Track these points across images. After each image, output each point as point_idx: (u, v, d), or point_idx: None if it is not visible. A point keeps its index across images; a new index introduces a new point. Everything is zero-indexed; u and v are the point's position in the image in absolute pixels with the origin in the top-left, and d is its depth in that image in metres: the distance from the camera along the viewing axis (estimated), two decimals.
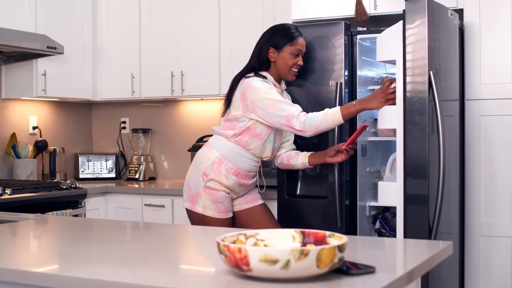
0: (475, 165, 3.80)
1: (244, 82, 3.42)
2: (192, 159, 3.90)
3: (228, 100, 3.51)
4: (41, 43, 4.44)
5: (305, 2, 4.14)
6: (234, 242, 1.86)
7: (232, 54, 4.68)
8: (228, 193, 3.50)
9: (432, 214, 3.21)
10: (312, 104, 3.74)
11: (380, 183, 3.41)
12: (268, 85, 3.38)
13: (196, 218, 3.49)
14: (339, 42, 3.70)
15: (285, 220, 3.83)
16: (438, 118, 3.17)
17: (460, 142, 3.81)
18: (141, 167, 5.22)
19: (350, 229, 3.74)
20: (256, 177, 3.60)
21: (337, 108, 3.31)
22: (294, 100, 3.68)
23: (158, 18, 4.98)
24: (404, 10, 3.22)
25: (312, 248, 1.64)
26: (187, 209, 3.55)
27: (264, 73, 3.48)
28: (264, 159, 3.55)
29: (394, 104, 3.25)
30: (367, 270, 1.79)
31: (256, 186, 3.66)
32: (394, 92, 3.24)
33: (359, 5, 3.95)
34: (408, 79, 3.21)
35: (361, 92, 3.79)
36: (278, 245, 1.90)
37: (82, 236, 2.58)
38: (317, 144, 3.73)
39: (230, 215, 3.52)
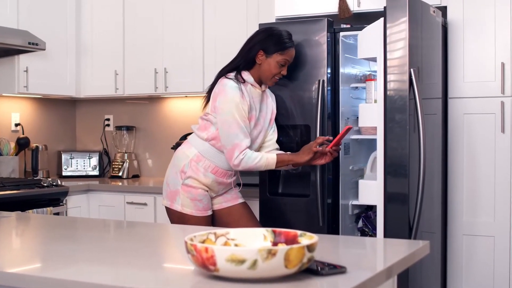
0: (458, 164, 3.78)
1: (221, 82, 3.40)
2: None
3: (208, 96, 3.49)
4: (22, 39, 4.39)
5: None
6: (203, 242, 1.83)
7: (216, 51, 4.65)
8: (207, 191, 3.47)
9: (413, 213, 3.18)
10: (294, 101, 3.71)
11: (360, 182, 3.39)
12: (239, 96, 3.32)
13: (175, 216, 3.46)
14: (321, 39, 3.66)
15: (267, 218, 3.80)
16: (419, 117, 3.15)
17: (443, 141, 3.79)
18: (124, 164, 5.18)
19: (332, 228, 3.71)
20: (236, 175, 3.57)
21: (274, 155, 3.40)
22: (277, 98, 3.65)
23: (142, 15, 4.94)
24: (385, 7, 3.20)
25: (280, 248, 1.61)
26: (166, 207, 3.52)
27: (246, 74, 3.44)
28: None
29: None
30: (338, 270, 1.76)
31: (238, 184, 3.63)
32: (320, 146, 3.36)
33: (342, 2, 3.92)
34: (389, 77, 3.19)
35: (344, 90, 3.76)
36: (249, 244, 1.87)
37: (54, 235, 2.54)
38: (301, 145, 3.70)
39: (209, 213, 3.48)
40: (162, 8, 4.86)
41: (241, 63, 3.46)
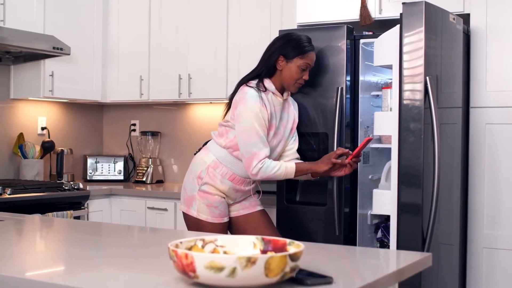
0: (479, 175, 3.69)
1: (242, 90, 3.36)
2: None
3: (230, 103, 3.47)
4: (47, 43, 4.44)
5: (310, 5, 4.08)
6: (190, 248, 1.81)
7: (239, 58, 4.64)
8: (224, 198, 3.45)
9: (426, 224, 3.11)
10: (313, 108, 3.67)
11: (375, 191, 3.34)
12: (259, 105, 3.27)
13: (191, 222, 3.45)
14: (341, 46, 3.62)
15: (284, 226, 3.77)
16: (434, 126, 3.08)
17: (464, 151, 3.71)
18: (148, 169, 5.19)
19: (350, 237, 3.66)
20: (254, 183, 3.53)
21: (293, 163, 3.34)
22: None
23: (167, 21, 4.96)
24: (401, 14, 3.14)
25: (260, 256, 1.57)
26: (183, 212, 3.51)
27: (267, 82, 3.40)
28: None
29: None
30: (323, 280, 1.71)
31: (257, 191, 3.60)
32: (340, 158, 3.31)
33: (363, 9, 3.87)
34: (404, 85, 3.13)
35: (364, 98, 3.71)
36: (238, 252, 1.84)
37: (57, 238, 2.55)
38: (319, 152, 3.66)
39: (225, 220, 3.46)
40: (186, 15, 4.87)
41: (263, 71, 3.42)
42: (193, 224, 3.45)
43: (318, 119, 3.66)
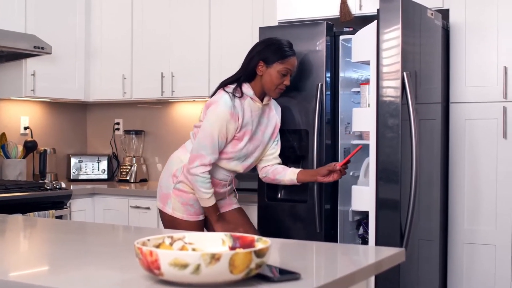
0: (459, 171, 3.70)
1: (218, 94, 3.34)
2: None
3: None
4: (28, 43, 4.42)
5: (291, 2, 4.08)
6: (158, 246, 1.80)
7: (221, 56, 4.63)
8: None
9: (404, 220, 3.11)
10: (293, 105, 3.67)
11: (353, 187, 3.34)
12: (229, 114, 3.24)
13: (166, 219, 3.45)
14: (321, 42, 3.62)
15: (265, 224, 3.77)
16: (411, 122, 3.08)
17: (444, 146, 3.71)
18: (132, 168, 5.18)
19: (331, 234, 3.66)
20: (230, 186, 3.52)
21: (214, 201, 3.34)
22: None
23: (150, 20, 4.95)
24: (378, 10, 3.14)
25: (224, 253, 1.57)
26: (159, 209, 3.51)
27: (246, 87, 3.34)
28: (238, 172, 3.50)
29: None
30: (291, 276, 1.71)
31: (234, 191, 3.59)
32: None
33: (343, 5, 3.87)
34: (381, 81, 3.13)
35: (344, 94, 3.71)
36: (206, 249, 1.83)
37: (33, 237, 2.54)
38: (300, 149, 3.66)
39: (201, 218, 3.45)
40: (169, 13, 4.86)
41: (242, 76, 3.37)
42: (169, 221, 3.45)
43: (298, 116, 3.65)
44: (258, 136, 3.42)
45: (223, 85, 3.39)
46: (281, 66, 3.31)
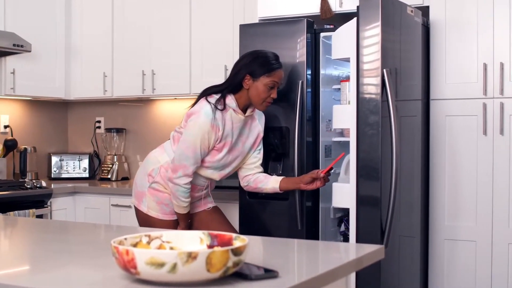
0: (439, 167, 3.71)
1: (201, 103, 3.29)
2: None
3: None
4: (7, 40, 4.38)
5: None
6: (136, 244, 1.79)
7: (202, 53, 4.62)
8: None
9: (385, 217, 3.12)
10: (274, 103, 3.64)
11: (334, 184, 3.33)
12: (209, 126, 3.21)
13: (141, 217, 3.45)
14: (301, 40, 3.61)
15: (247, 222, 3.76)
16: (392, 118, 3.08)
17: (425, 143, 3.72)
18: (114, 167, 5.16)
19: (312, 231, 3.66)
20: (206, 190, 3.51)
21: (188, 210, 3.38)
22: None
23: (131, 17, 4.92)
24: (358, 7, 3.14)
25: (201, 251, 1.56)
26: (134, 206, 3.50)
27: (229, 98, 3.30)
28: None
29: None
30: (269, 274, 1.70)
31: (209, 194, 3.58)
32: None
33: (324, 2, 3.87)
34: (361, 78, 3.13)
35: (325, 92, 3.71)
36: (184, 247, 1.83)
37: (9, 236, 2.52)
38: (281, 146, 3.65)
39: (176, 217, 3.43)
40: (150, 11, 4.84)
41: (226, 87, 3.32)
42: (143, 220, 3.45)
43: (279, 113, 3.64)
44: (238, 147, 3.40)
45: (206, 93, 3.34)
46: (268, 79, 3.28)
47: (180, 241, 1.85)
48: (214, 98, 3.29)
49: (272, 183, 3.44)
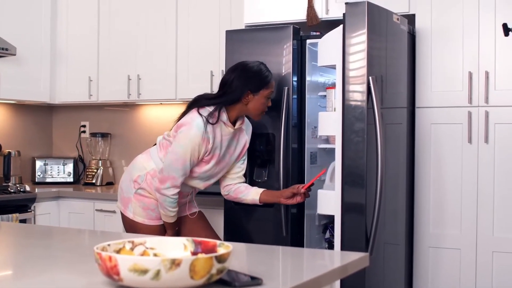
0: (425, 175, 3.72)
1: (192, 114, 3.26)
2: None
3: (180, 118, 3.37)
4: None
5: (258, 6, 4.07)
6: (119, 251, 1.77)
7: (188, 59, 4.60)
8: None
9: (370, 224, 3.12)
10: None
11: (319, 191, 3.33)
12: (200, 138, 3.20)
13: (127, 223, 3.44)
14: (287, 46, 3.61)
15: (232, 228, 3.75)
16: (377, 126, 3.09)
17: (410, 151, 3.73)
18: (98, 171, 5.13)
19: (297, 238, 3.66)
20: (190, 196, 3.50)
21: (174, 219, 3.38)
22: None
23: (117, 21, 4.90)
24: (344, 14, 3.15)
25: (184, 258, 1.55)
26: (120, 211, 3.48)
27: (223, 113, 3.29)
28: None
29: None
30: (252, 282, 1.70)
31: (192, 200, 3.57)
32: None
33: (310, 9, 3.87)
34: (347, 85, 3.13)
35: (311, 98, 3.71)
36: (168, 254, 1.81)
37: None
38: (266, 153, 3.64)
39: (162, 222, 3.42)
40: (136, 16, 4.82)
41: (222, 101, 3.29)
42: (129, 225, 3.43)
43: (265, 120, 3.63)
44: (225, 159, 3.41)
45: (198, 104, 3.31)
46: (267, 91, 3.33)
47: (164, 248, 1.83)
48: (206, 110, 3.26)
49: (252, 194, 3.44)
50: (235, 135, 3.41)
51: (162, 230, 3.42)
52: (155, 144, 3.52)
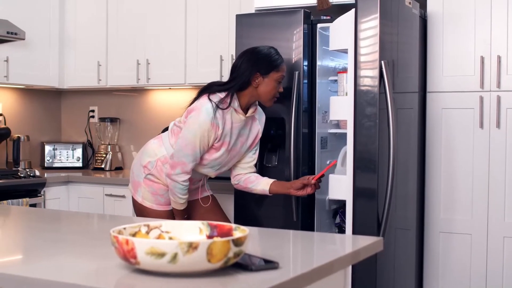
0: (435, 160, 3.71)
1: (202, 100, 3.23)
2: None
3: (191, 103, 3.33)
4: (1, 28, 4.34)
5: None
6: (135, 234, 1.77)
7: (197, 43, 4.59)
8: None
9: (382, 209, 3.11)
10: None
11: (331, 176, 3.32)
12: (209, 124, 3.17)
13: (137, 206, 3.44)
14: (298, 31, 3.59)
15: (242, 212, 3.75)
16: (389, 111, 3.08)
17: (421, 136, 3.71)
18: (107, 156, 5.13)
19: (308, 223, 3.65)
20: (201, 181, 3.49)
21: (185, 205, 3.35)
22: None
23: (125, 6, 4.88)
24: None
25: (201, 241, 1.55)
26: (131, 194, 3.48)
27: (235, 99, 3.26)
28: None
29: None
30: (269, 265, 1.69)
31: (204, 184, 3.56)
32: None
33: None
34: (359, 69, 3.12)
35: (321, 83, 3.69)
36: (183, 237, 1.81)
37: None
38: (276, 137, 3.63)
39: (170, 207, 3.41)
40: (144, 0, 4.80)
41: (233, 87, 3.25)
42: (138, 209, 3.44)
43: (275, 104, 3.61)
44: (236, 148, 3.37)
45: (209, 90, 3.28)
46: (277, 74, 3.27)
47: (179, 231, 1.83)
48: (217, 96, 3.23)
49: (262, 185, 3.42)
50: (247, 123, 3.38)
51: (171, 215, 3.41)
52: (167, 129, 3.51)
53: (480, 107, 3.58)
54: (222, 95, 3.24)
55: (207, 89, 3.30)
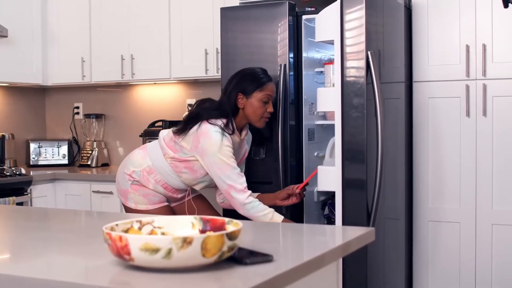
0: (423, 150, 3.72)
1: (204, 126, 3.16)
2: (143, 144, 3.80)
3: (185, 127, 3.24)
4: None
5: None
6: (127, 230, 1.76)
7: (182, 37, 4.57)
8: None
9: (371, 200, 3.12)
10: None
11: (319, 168, 3.32)
12: (223, 140, 3.12)
13: (132, 213, 3.38)
14: (283, 23, 3.58)
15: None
16: (377, 101, 3.08)
17: (408, 126, 3.72)
18: (93, 153, 5.11)
19: (297, 215, 3.65)
20: (187, 191, 3.46)
21: (281, 217, 3.18)
22: None
23: (108, 1, 4.85)
24: None
25: (196, 236, 1.54)
26: (121, 203, 3.45)
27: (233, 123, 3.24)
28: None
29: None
30: (263, 259, 1.69)
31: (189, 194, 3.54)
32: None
33: None
34: (345, 60, 3.12)
35: (308, 75, 3.69)
36: (176, 232, 1.80)
37: None
38: (265, 139, 3.62)
39: (166, 203, 3.39)
40: None
41: (229, 111, 3.21)
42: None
43: None
44: None
45: (207, 115, 3.19)
46: (261, 94, 3.24)
47: (172, 227, 1.82)
48: (217, 123, 3.17)
49: None
50: (240, 144, 3.38)
51: (168, 211, 3.39)
52: (151, 141, 3.45)
53: (466, 96, 3.60)
54: (221, 121, 3.19)
55: (200, 116, 3.21)
